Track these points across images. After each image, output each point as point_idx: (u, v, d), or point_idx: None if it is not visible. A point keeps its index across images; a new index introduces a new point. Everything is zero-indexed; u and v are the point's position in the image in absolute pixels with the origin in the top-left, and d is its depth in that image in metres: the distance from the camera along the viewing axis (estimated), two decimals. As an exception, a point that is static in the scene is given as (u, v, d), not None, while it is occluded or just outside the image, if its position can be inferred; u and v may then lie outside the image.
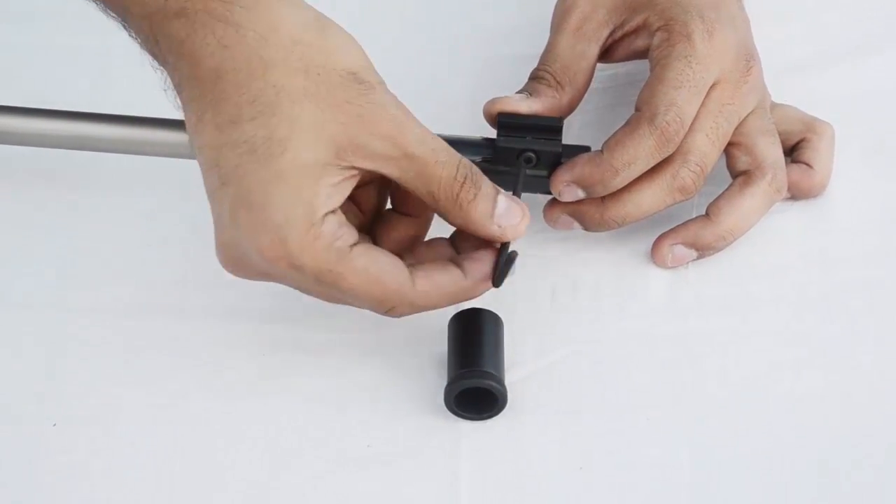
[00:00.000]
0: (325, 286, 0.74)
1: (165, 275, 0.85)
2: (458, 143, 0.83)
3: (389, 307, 0.75)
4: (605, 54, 0.87)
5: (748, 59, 0.85)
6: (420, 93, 0.94)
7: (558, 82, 0.85)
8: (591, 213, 0.84)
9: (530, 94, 0.84)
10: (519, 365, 0.81)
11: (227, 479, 0.76)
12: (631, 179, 0.82)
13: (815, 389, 0.80)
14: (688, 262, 0.85)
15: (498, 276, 0.76)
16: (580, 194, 0.83)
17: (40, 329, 0.82)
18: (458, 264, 0.76)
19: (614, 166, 0.81)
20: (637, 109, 0.82)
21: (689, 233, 0.85)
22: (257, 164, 0.72)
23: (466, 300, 0.78)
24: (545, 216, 0.85)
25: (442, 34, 0.99)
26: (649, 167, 0.82)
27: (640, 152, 0.81)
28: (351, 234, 0.74)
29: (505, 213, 0.75)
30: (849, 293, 0.84)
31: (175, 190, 0.89)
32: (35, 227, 0.87)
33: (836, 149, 0.88)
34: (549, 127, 0.83)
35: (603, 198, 0.83)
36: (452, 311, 0.79)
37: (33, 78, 0.97)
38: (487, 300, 0.79)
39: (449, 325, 0.80)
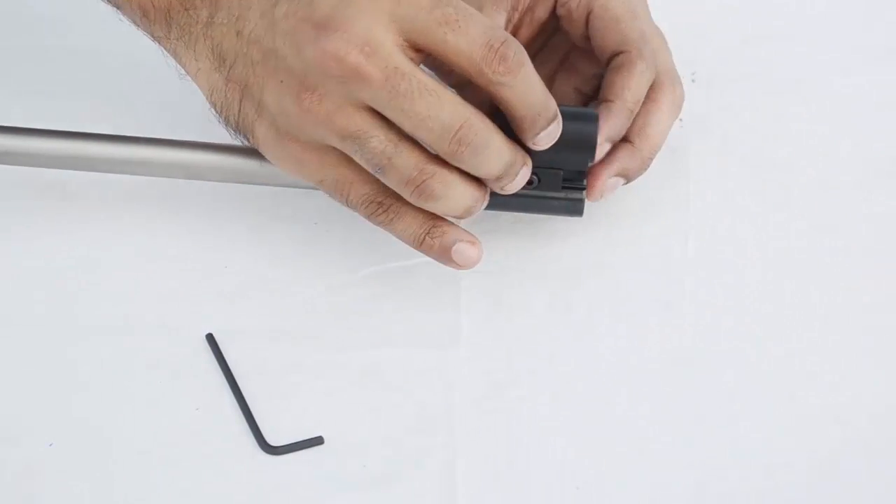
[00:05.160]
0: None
1: (164, 293, 0.85)
2: None
3: (502, 39, 0.74)
4: None
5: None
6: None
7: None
8: (633, 165, 0.85)
9: None
10: (516, 383, 0.81)
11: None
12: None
13: (814, 407, 0.80)
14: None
15: None
16: (621, 182, 0.85)
17: (36, 348, 0.82)
18: None
19: (653, 154, 0.85)
20: (658, 86, 0.85)
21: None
22: None
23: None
24: (592, 193, 0.84)
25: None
26: None
27: (667, 132, 0.86)
28: None
29: None
30: (849, 310, 0.85)
31: (175, 208, 0.89)
32: (32, 244, 0.87)
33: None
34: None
35: (634, 142, 0.85)
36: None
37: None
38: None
39: None
